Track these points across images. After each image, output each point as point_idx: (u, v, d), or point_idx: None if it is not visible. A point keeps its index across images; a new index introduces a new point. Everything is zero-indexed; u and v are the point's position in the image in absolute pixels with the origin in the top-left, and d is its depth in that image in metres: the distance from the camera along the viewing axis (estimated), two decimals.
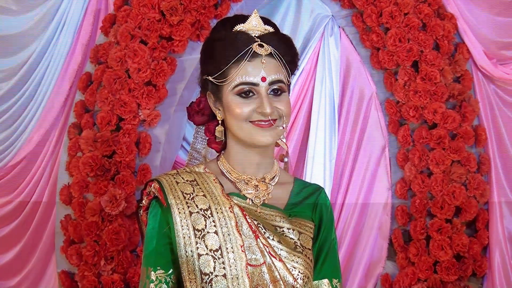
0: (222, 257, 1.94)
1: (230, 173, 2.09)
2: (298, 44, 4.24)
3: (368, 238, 4.24)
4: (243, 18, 2.08)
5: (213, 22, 4.09)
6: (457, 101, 4.05)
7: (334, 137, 4.31)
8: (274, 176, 2.13)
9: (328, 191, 4.16)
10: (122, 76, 3.96)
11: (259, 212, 2.04)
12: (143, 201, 2.09)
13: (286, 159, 2.24)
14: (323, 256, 2.10)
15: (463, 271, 3.92)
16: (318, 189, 2.20)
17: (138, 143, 4.02)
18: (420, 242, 3.97)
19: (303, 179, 4.02)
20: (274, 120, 1.99)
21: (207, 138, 2.17)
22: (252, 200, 2.06)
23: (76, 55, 4.34)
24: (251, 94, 1.98)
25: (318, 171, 4.24)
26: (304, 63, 4.31)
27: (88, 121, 4.03)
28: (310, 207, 2.13)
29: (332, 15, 4.35)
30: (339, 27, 4.36)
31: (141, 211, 2.12)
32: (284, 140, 2.16)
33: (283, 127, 2.01)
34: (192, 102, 2.17)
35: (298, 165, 4.34)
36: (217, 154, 2.18)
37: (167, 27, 4.00)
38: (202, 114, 2.15)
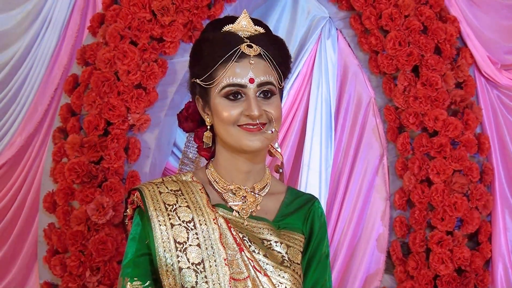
0: (205, 270, 1.96)
1: (217, 183, 2.10)
2: (294, 46, 4.28)
3: (365, 250, 4.25)
4: (233, 19, 2.08)
5: (206, 23, 4.05)
6: (459, 108, 4.05)
7: (330, 144, 4.33)
8: (265, 186, 2.13)
9: (323, 200, 4.16)
10: (111, 79, 3.95)
11: (246, 225, 2.04)
12: (128, 210, 2.09)
13: (281, 170, 2.23)
14: (311, 271, 2.12)
15: (464, 286, 3.93)
16: (311, 200, 2.19)
17: (127, 149, 4.02)
18: (420, 255, 3.97)
19: (298, 187, 4.01)
20: (263, 124, 1.99)
21: (196, 145, 2.16)
22: (238, 212, 2.04)
23: (62, 56, 4.34)
24: (239, 96, 1.99)
25: (313, 179, 4.25)
26: (300, 67, 4.34)
27: (74, 125, 4.02)
28: (301, 219, 2.13)
29: (330, 17, 4.38)
30: (337, 29, 4.39)
31: (126, 220, 2.12)
32: (279, 149, 2.15)
33: (271, 132, 1.98)
34: (183, 108, 2.17)
35: (293, 173, 4.33)
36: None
37: (158, 27, 4.00)
38: (192, 120, 2.19)
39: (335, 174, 4.34)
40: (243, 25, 2.06)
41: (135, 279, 1.97)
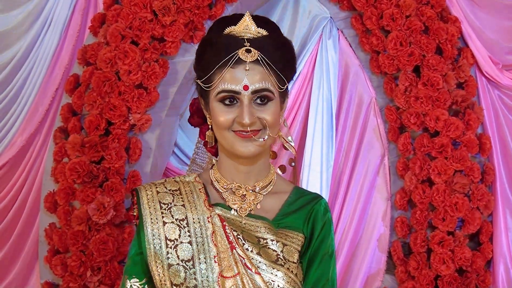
0: (194, 267, 2.00)
1: (218, 182, 2.12)
2: (295, 46, 4.20)
3: (366, 250, 4.27)
4: (238, 19, 2.06)
5: (207, 23, 4.11)
6: (461, 108, 4.06)
7: (332, 144, 4.34)
8: (268, 184, 2.14)
9: None
10: (112, 78, 3.98)
11: (244, 223, 2.06)
12: (134, 210, 2.12)
13: (293, 164, 2.24)
14: (313, 269, 2.12)
15: (465, 286, 3.94)
16: (315, 199, 2.19)
17: (128, 149, 4.05)
18: (421, 255, 3.98)
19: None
20: (257, 131, 2.00)
21: (202, 141, 2.18)
22: (237, 211, 2.05)
23: (63, 56, 4.37)
24: (235, 101, 1.98)
25: (314, 179, 4.27)
26: (301, 67, 4.37)
27: (75, 125, 4.04)
28: (302, 218, 2.13)
29: (331, 17, 4.40)
30: (338, 29, 4.40)
31: (134, 220, 2.14)
32: (292, 143, 2.14)
33: (263, 140, 1.98)
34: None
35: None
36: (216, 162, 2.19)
37: (159, 27, 4.02)
38: (198, 116, 2.19)
39: (336, 174, 4.36)
40: (246, 27, 2.04)
41: (133, 276, 2.04)
